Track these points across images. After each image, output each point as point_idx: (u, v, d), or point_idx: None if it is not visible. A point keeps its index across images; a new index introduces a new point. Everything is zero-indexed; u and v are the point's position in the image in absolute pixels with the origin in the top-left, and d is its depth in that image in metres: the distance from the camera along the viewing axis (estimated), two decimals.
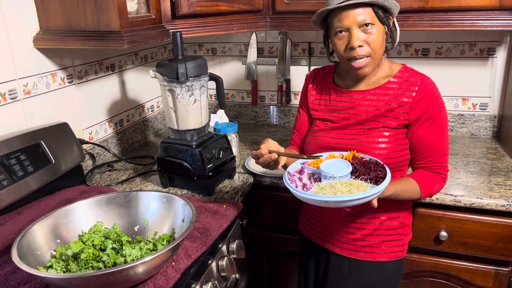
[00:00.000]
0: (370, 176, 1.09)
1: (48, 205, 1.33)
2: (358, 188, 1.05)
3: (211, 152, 1.50)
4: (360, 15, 1.12)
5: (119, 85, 1.93)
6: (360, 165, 1.12)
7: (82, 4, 1.35)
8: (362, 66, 1.16)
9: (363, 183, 1.07)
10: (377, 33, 1.14)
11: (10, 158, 1.27)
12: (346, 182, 1.07)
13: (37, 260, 0.99)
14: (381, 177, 1.09)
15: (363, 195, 1.01)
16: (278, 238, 1.76)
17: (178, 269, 1.05)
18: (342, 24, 1.14)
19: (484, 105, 1.98)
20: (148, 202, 1.19)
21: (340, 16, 1.14)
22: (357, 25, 1.13)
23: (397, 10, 1.18)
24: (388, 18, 1.18)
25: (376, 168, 1.11)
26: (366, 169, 1.11)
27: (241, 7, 1.69)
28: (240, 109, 2.36)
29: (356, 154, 1.17)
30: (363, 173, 1.10)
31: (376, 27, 1.14)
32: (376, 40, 1.14)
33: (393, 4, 1.15)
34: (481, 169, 1.65)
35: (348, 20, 1.13)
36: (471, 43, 1.92)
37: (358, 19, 1.12)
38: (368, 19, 1.12)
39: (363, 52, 1.14)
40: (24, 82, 1.44)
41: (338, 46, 1.18)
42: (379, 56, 1.18)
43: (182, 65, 1.37)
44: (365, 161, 1.14)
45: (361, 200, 1.03)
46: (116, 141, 1.91)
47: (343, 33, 1.15)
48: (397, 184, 1.16)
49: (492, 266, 1.51)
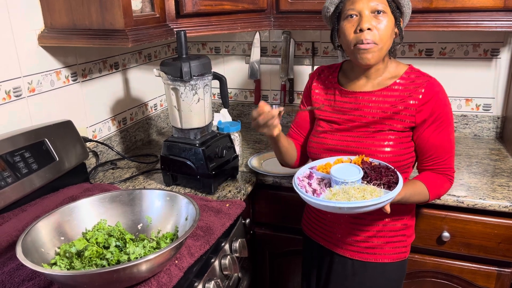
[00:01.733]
0: (383, 181, 1.08)
1: (52, 202, 1.33)
2: (371, 193, 1.04)
3: (214, 151, 1.50)
4: (374, 0, 1.14)
5: (122, 84, 1.93)
6: (370, 170, 1.11)
7: (86, 2, 1.35)
8: (367, 48, 1.14)
9: (376, 189, 1.06)
10: (387, 23, 1.15)
11: (14, 155, 1.28)
12: (359, 188, 1.05)
13: (41, 257, 0.99)
14: (394, 182, 1.08)
15: (377, 200, 1.00)
16: (281, 237, 1.76)
17: (181, 267, 1.06)
18: (354, 7, 1.15)
19: (487, 106, 1.98)
20: (152, 200, 1.19)
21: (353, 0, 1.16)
22: (369, 9, 1.14)
23: (409, 11, 1.20)
24: (399, 15, 1.19)
25: (388, 173, 1.10)
26: (377, 174, 1.10)
27: (245, 7, 1.70)
28: (243, 108, 2.36)
29: (365, 158, 1.16)
30: (375, 178, 1.09)
31: (387, 16, 1.15)
32: (385, 29, 1.14)
33: (406, 2, 1.18)
34: (484, 170, 1.65)
35: (362, 3, 1.14)
36: (475, 43, 1.92)
37: (371, 4, 1.14)
38: (380, 6, 1.14)
39: (370, 36, 1.14)
40: (28, 80, 1.45)
41: (347, 30, 1.17)
42: (385, 47, 1.17)
43: (186, 64, 1.37)
44: (375, 166, 1.13)
45: (375, 206, 1.01)
46: (119, 139, 1.92)
47: (354, 17, 1.16)
48: (407, 188, 1.14)
49: (495, 267, 1.51)
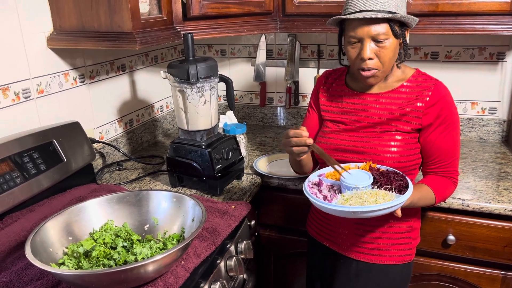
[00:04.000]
0: (394, 186, 1.09)
1: (59, 203, 1.35)
2: (384, 197, 1.05)
3: (220, 153, 1.51)
4: (375, 29, 1.12)
5: (129, 85, 1.95)
6: (379, 175, 1.13)
7: (95, 5, 1.37)
8: (370, 75, 1.17)
9: (388, 193, 1.07)
10: (389, 47, 1.14)
11: (23, 156, 1.29)
12: (371, 192, 1.07)
13: (49, 257, 1.00)
14: (404, 186, 1.09)
15: (391, 204, 1.02)
16: (286, 239, 1.77)
17: (188, 268, 1.07)
18: (355, 34, 1.14)
19: (493, 109, 1.98)
20: (159, 202, 1.20)
21: (354, 26, 1.14)
22: (370, 38, 1.13)
23: (415, 23, 1.17)
24: (404, 31, 1.17)
25: (397, 177, 1.12)
26: (387, 179, 1.11)
27: (251, 9, 1.71)
28: (248, 111, 2.37)
29: (372, 165, 1.17)
30: (385, 183, 1.10)
31: (390, 41, 1.14)
32: (387, 54, 1.14)
33: (411, 20, 1.14)
34: (490, 173, 1.65)
35: (362, 32, 1.13)
36: (480, 47, 1.92)
37: (372, 33, 1.12)
38: (382, 33, 1.12)
39: (372, 64, 1.15)
40: (37, 81, 1.47)
41: (350, 54, 1.19)
42: (388, 68, 1.19)
43: (193, 66, 1.38)
44: (384, 172, 1.14)
45: (388, 209, 1.03)
46: (125, 140, 1.93)
47: (356, 43, 1.16)
48: (414, 193, 1.15)
49: (500, 271, 1.50)
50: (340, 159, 1.25)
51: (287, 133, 1.17)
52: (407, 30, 1.18)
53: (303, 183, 1.18)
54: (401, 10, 1.13)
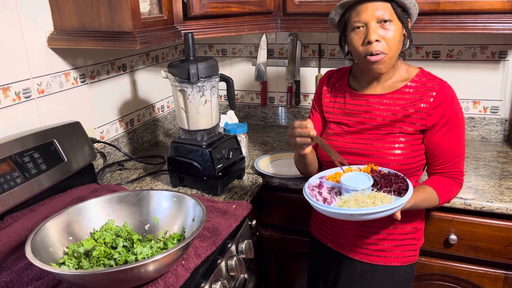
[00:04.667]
0: (393, 188, 1.08)
1: (60, 202, 1.34)
2: (382, 200, 1.04)
3: (221, 153, 1.51)
4: (379, 10, 1.12)
5: (130, 85, 1.94)
6: (380, 177, 1.12)
7: (96, 5, 1.37)
8: (378, 59, 1.15)
9: (387, 195, 1.07)
10: (394, 30, 1.14)
11: (24, 156, 1.29)
12: (369, 195, 1.06)
13: (50, 257, 1.00)
14: (404, 189, 1.08)
15: (388, 206, 1.01)
16: (287, 239, 1.76)
17: (188, 267, 1.06)
18: (360, 19, 1.14)
19: (495, 108, 1.97)
20: (159, 201, 1.20)
21: (358, 10, 1.14)
22: (375, 19, 1.13)
23: (416, 11, 1.17)
24: (406, 18, 1.17)
25: (397, 180, 1.11)
26: (387, 181, 1.11)
27: (252, 9, 1.70)
28: (249, 110, 2.37)
29: (374, 167, 1.16)
30: (385, 186, 1.10)
31: (394, 24, 1.14)
32: (393, 37, 1.14)
33: (412, 4, 1.15)
34: (492, 172, 1.64)
35: (367, 14, 1.13)
36: (482, 46, 1.91)
37: (376, 14, 1.12)
38: (386, 15, 1.12)
39: (379, 47, 1.14)
40: (38, 81, 1.47)
41: (355, 42, 1.17)
42: (394, 55, 1.17)
43: (193, 65, 1.38)
44: (385, 174, 1.14)
45: (386, 212, 1.02)
46: (126, 140, 1.93)
47: (361, 28, 1.15)
48: (417, 195, 1.14)
49: (502, 270, 1.50)
50: None
51: (292, 124, 1.17)
52: (409, 20, 1.19)
53: (304, 183, 1.18)
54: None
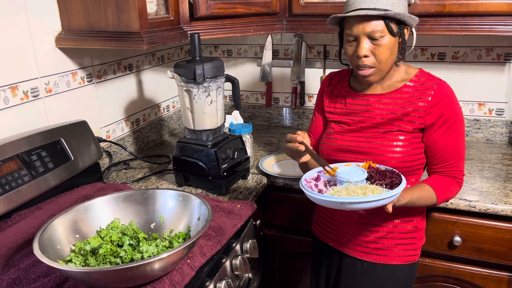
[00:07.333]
0: (386, 182, 1.10)
1: (66, 201, 1.36)
2: (373, 191, 1.06)
3: (226, 153, 1.51)
4: (370, 26, 1.13)
5: (136, 85, 1.96)
6: (375, 173, 1.14)
7: (103, 5, 1.38)
8: (367, 75, 1.19)
9: (378, 188, 1.08)
10: (385, 45, 1.15)
11: (31, 154, 1.30)
12: (361, 187, 1.08)
13: (57, 254, 1.02)
14: (396, 183, 1.10)
15: (378, 197, 1.02)
16: (291, 239, 1.77)
17: (193, 266, 1.07)
18: (352, 32, 1.16)
19: (500, 110, 1.97)
20: (165, 200, 1.21)
21: (351, 24, 1.16)
22: (365, 35, 1.14)
23: (414, 22, 1.17)
24: (402, 29, 1.17)
25: (392, 175, 1.12)
26: (381, 176, 1.12)
27: (258, 10, 1.71)
28: (254, 111, 2.38)
29: (372, 164, 1.17)
30: (378, 179, 1.11)
31: (386, 38, 1.14)
32: (383, 52, 1.15)
33: (407, 17, 1.14)
34: (497, 174, 1.64)
35: (357, 30, 1.15)
36: (488, 48, 1.91)
37: (367, 30, 1.14)
38: (377, 31, 1.13)
39: (368, 62, 1.16)
40: (46, 80, 1.48)
41: (348, 52, 1.21)
42: (385, 67, 1.19)
43: (199, 66, 1.39)
44: (381, 170, 1.15)
45: (375, 202, 1.03)
46: (132, 139, 1.94)
47: (353, 41, 1.18)
48: (413, 192, 1.16)
49: (506, 273, 1.50)
50: (344, 160, 1.26)
51: (286, 136, 1.21)
52: (407, 28, 1.19)
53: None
54: (398, 8, 1.13)
